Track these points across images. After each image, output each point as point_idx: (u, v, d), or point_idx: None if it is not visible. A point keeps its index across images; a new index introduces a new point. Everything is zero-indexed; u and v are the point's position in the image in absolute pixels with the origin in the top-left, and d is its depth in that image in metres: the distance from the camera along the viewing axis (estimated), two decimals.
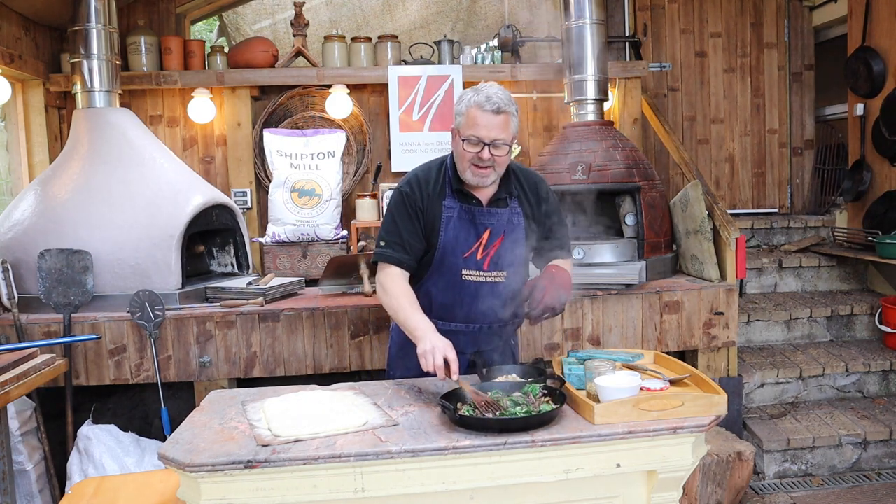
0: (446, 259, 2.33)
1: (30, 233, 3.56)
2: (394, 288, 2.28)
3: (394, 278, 2.30)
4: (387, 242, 2.32)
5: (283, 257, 4.44)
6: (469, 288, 2.36)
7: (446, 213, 2.32)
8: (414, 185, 2.34)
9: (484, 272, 2.35)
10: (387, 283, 2.30)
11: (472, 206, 2.34)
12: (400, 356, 2.50)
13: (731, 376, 3.83)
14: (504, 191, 2.37)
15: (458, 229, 2.32)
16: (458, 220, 2.32)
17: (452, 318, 2.39)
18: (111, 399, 3.90)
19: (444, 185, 2.35)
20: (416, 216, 2.31)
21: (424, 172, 2.38)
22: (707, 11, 5.62)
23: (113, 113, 3.93)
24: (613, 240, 3.97)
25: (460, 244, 2.32)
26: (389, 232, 2.32)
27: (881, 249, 4.41)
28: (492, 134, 2.21)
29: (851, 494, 3.53)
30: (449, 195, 2.33)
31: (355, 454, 1.78)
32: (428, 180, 2.35)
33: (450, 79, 4.73)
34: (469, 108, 2.22)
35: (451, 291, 2.36)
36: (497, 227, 2.35)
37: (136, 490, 2.36)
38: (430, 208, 2.32)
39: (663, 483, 1.96)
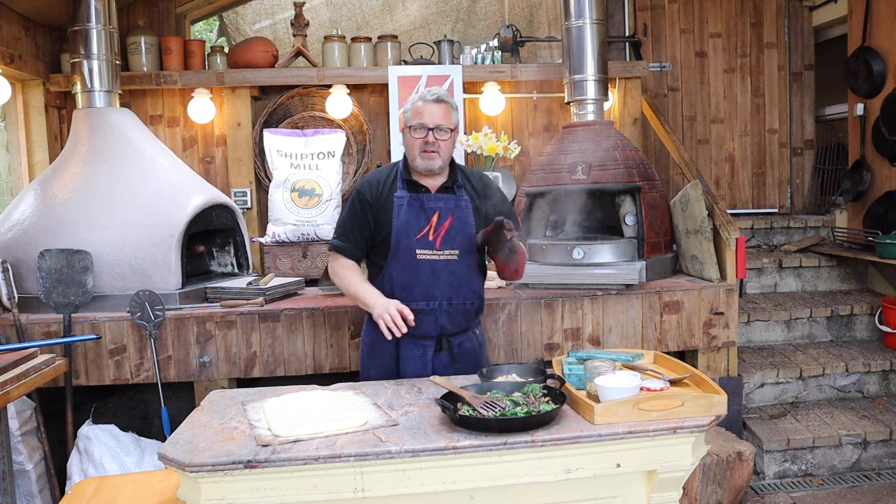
0: (401, 242, 2.57)
1: (30, 233, 3.57)
2: (342, 270, 2.65)
3: (342, 264, 2.66)
4: (337, 234, 2.68)
5: (283, 257, 4.44)
6: (425, 267, 2.58)
7: (397, 203, 2.59)
8: (366, 184, 2.64)
9: (437, 251, 2.58)
10: (337, 268, 2.68)
11: (421, 194, 2.60)
12: (372, 355, 2.68)
13: (731, 376, 3.83)
14: (450, 181, 2.64)
15: (409, 215, 2.57)
16: (408, 206, 2.58)
17: (413, 297, 2.57)
18: (111, 399, 3.90)
19: (396, 179, 2.63)
20: (364, 211, 2.60)
21: (378, 173, 2.69)
22: (707, 11, 5.62)
23: (113, 113, 3.93)
24: (613, 240, 3.97)
25: (412, 227, 2.57)
26: (340, 226, 2.69)
27: (881, 249, 4.41)
28: (434, 120, 2.53)
29: (851, 494, 3.53)
30: (400, 187, 2.61)
31: (355, 454, 1.78)
32: (380, 179, 2.64)
33: (450, 79, 4.73)
34: (414, 104, 2.57)
35: (409, 272, 2.57)
36: (445, 209, 2.61)
37: (136, 490, 2.36)
38: (381, 202, 2.59)
39: (663, 483, 1.96)
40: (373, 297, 2.53)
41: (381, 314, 2.46)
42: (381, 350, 2.61)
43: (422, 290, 2.58)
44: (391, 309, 2.45)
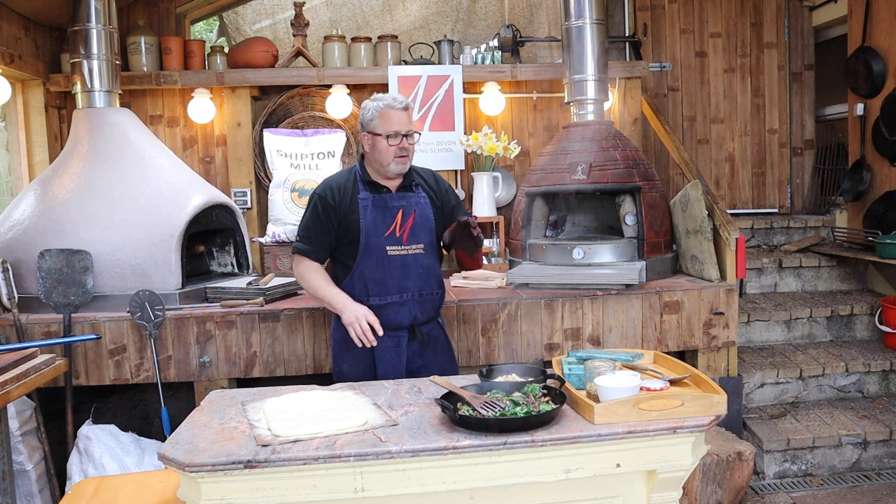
0: (370, 241, 2.69)
1: (30, 233, 3.57)
2: (308, 273, 2.74)
3: (308, 267, 2.74)
4: (300, 238, 2.74)
5: (283, 257, 4.43)
6: (395, 262, 2.71)
7: (362, 204, 2.70)
8: (327, 189, 2.72)
9: (405, 246, 2.72)
10: (302, 271, 2.75)
11: (384, 195, 2.73)
12: (344, 349, 2.74)
13: (731, 376, 3.83)
14: (407, 180, 2.78)
15: (375, 214, 2.69)
16: (373, 207, 2.70)
17: (386, 291, 2.71)
18: (111, 399, 3.90)
19: (356, 183, 2.73)
20: (328, 215, 2.69)
21: (336, 178, 2.77)
22: (707, 11, 5.62)
23: (113, 113, 3.94)
24: (613, 240, 3.97)
25: (378, 226, 2.69)
26: (303, 229, 2.74)
27: (881, 249, 4.41)
28: (406, 126, 2.68)
29: (851, 494, 3.53)
30: (362, 190, 2.72)
31: (355, 454, 1.78)
32: (340, 183, 2.73)
33: (450, 79, 4.73)
34: (381, 111, 2.65)
35: (380, 268, 2.70)
36: (407, 207, 2.75)
37: (136, 490, 2.36)
38: (345, 204, 2.69)
39: (663, 483, 1.96)
40: (342, 302, 2.65)
41: (351, 322, 2.61)
42: (353, 344, 2.66)
43: (395, 283, 2.71)
44: (362, 321, 2.59)
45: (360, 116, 2.72)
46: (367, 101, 2.72)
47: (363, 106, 2.71)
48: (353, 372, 2.71)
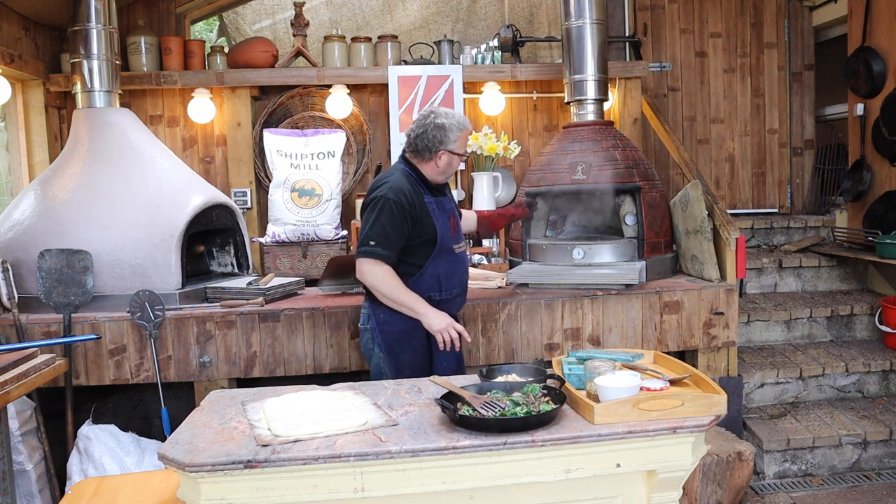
0: (444, 241, 2.87)
1: (30, 233, 3.57)
2: (389, 278, 2.79)
3: (387, 271, 2.79)
4: (377, 243, 2.76)
5: (283, 257, 4.43)
6: (459, 258, 2.99)
7: (430, 207, 2.86)
8: (401, 194, 2.79)
9: (460, 244, 3.01)
10: (382, 275, 2.79)
11: (441, 198, 2.95)
12: (404, 340, 2.88)
13: (731, 376, 3.83)
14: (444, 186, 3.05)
15: (441, 217, 2.89)
16: (438, 210, 2.89)
17: (452, 286, 2.95)
18: (111, 399, 3.90)
19: (418, 187, 2.86)
20: (405, 219, 2.78)
21: (399, 182, 2.83)
22: (707, 11, 5.62)
23: (113, 113, 3.94)
24: (613, 240, 3.97)
25: (445, 226, 2.90)
26: (379, 234, 2.77)
27: (881, 249, 4.41)
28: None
29: (851, 494, 3.53)
30: (425, 194, 2.87)
31: (355, 454, 1.78)
32: (408, 188, 2.82)
33: (450, 79, 4.73)
34: (462, 133, 2.88)
35: (450, 265, 2.93)
36: (453, 209, 3.04)
37: (136, 490, 2.36)
38: (417, 208, 2.81)
39: (663, 483, 1.96)
40: (425, 310, 2.80)
41: (442, 330, 2.79)
42: (415, 335, 2.87)
43: (458, 278, 3.00)
44: (451, 330, 2.80)
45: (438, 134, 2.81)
46: (445, 121, 2.82)
47: (443, 125, 2.82)
48: (415, 360, 2.89)
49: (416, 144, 2.85)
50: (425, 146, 2.83)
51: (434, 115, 2.85)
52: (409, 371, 2.86)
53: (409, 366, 2.88)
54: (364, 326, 2.98)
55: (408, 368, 2.87)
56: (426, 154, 2.85)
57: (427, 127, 2.83)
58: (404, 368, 2.88)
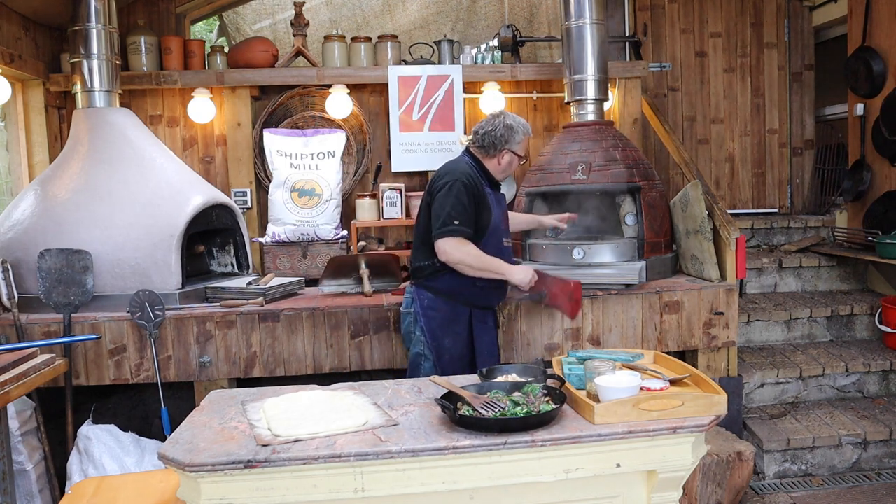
0: (495, 231, 3.04)
1: (30, 233, 3.56)
2: (476, 251, 2.93)
3: (473, 246, 2.93)
4: (461, 221, 2.90)
5: (283, 257, 4.43)
6: (507, 251, 3.12)
7: (489, 198, 3.04)
8: (471, 178, 2.97)
9: (508, 239, 3.17)
10: (470, 249, 2.92)
11: (497, 193, 3.14)
12: (447, 325, 3.02)
13: (731, 376, 3.83)
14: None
15: (497, 209, 3.07)
16: (494, 202, 3.06)
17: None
18: (111, 399, 3.90)
19: (480, 178, 3.03)
20: (474, 201, 2.94)
21: (467, 170, 3.00)
22: (707, 11, 5.62)
23: (113, 113, 3.93)
24: (613, 240, 3.97)
25: (499, 219, 3.08)
26: (461, 213, 2.90)
27: (881, 249, 4.41)
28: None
29: (851, 494, 3.53)
30: (486, 186, 3.04)
31: (355, 454, 1.78)
32: (474, 175, 3.00)
33: (450, 79, 4.73)
34: (525, 136, 3.09)
35: (497, 254, 3.02)
36: (505, 205, 3.22)
37: (136, 490, 2.36)
38: (480, 196, 2.98)
39: (663, 483, 1.96)
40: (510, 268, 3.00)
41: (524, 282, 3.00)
42: (458, 321, 3.02)
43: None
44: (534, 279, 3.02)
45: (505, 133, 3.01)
46: (513, 123, 3.04)
47: (511, 126, 3.02)
48: (456, 345, 3.02)
49: (483, 140, 3.03)
50: (492, 143, 3.02)
51: (504, 116, 3.05)
52: (448, 356, 2.99)
53: (450, 351, 3.01)
54: (406, 310, 3.12)
55: (447, 354, 3.01)
56: (491, 150, 3.04)
57: (497, 126, 3.02)
58: (444, 353, 3.01)
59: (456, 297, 3.01)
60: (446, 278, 2.99)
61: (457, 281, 2.97)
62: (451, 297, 3.01)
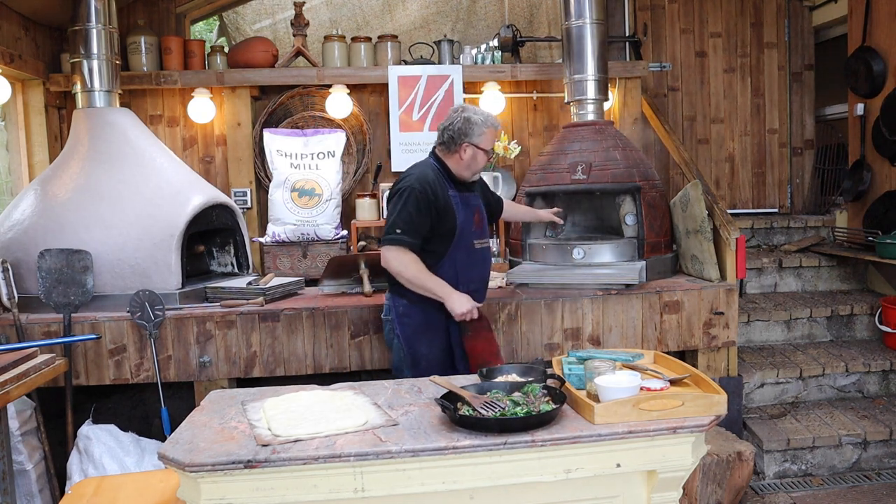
0: (463, 235, 2.94)
1: (30, 233, 3.56)
2: (414, 265, 2.83)
3: (412, 258, 2.83)
4: (403, 230, 2.82)
5: (283, 257, 4.43)
6: (478, 253, 3.05)
7: (454, 200, 2.92)
8: (424, 184, 2.85)
9: (482, 240, 3.06)
10: (408, 261, 2.83)
11: (465, 193, 3.00)
12: (421, 332, 2.95)
13: (731, 376, 3.83)
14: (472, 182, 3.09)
15: (465, 211, 2.96)
16: (462, 205, 2.95)
17: (472, 279, 3.01)
18: (111, 399, 3.90)
19: (443, 180, 2.94)
20: (429, 209, 2.83)
21: (424, 174, 2.90)
22: (707, 11, 5.62)
23: (113, 113, 3.94)
24: (613, 240, 3.97)
25: (468, 221, 2.97)
26: (406, 222, 2.82)
27: (881, 249, 4.41)
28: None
29: (851, 494, 3.53)
30: (450, 188, 2.93)
31: (355, 454, 1.78)
32: (433, 180, 2.89)
33: (450, 79, 4.73)
34: (488, 130, 2.93)
35: (469, 259, 2.99)
36: (479, 205, 3.10)
37: (136, 490, 2.36)
38: (441, 200, 2.87)
39: (663, 483, 1.96)
40: (448, 292, 2.84)
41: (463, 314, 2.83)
42: (433, 328, 2.95)
43: (477, 273, 3.06)
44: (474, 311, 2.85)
45: (463, 127, 2.89)
46: (472, 115, 2.92)
47: (469, 119, 2.90)
48: (432, 352, 2.95)
49: (443, 136, 2.95)
50: (451, 138, 2.91)
51: (463, 109, 2.96)
52: (425, 363, 2.91)
53: (427, 358, 2.94)
54: (386, 317, 3.06)
55: (424, 360, 2.93)
56: (452, 146, 2.93)
57: (455, 120, 2.92)
58: (421, 360, 2.94)
59: (429, 303, 2.89)
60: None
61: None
62: (425, 304, 2.90)
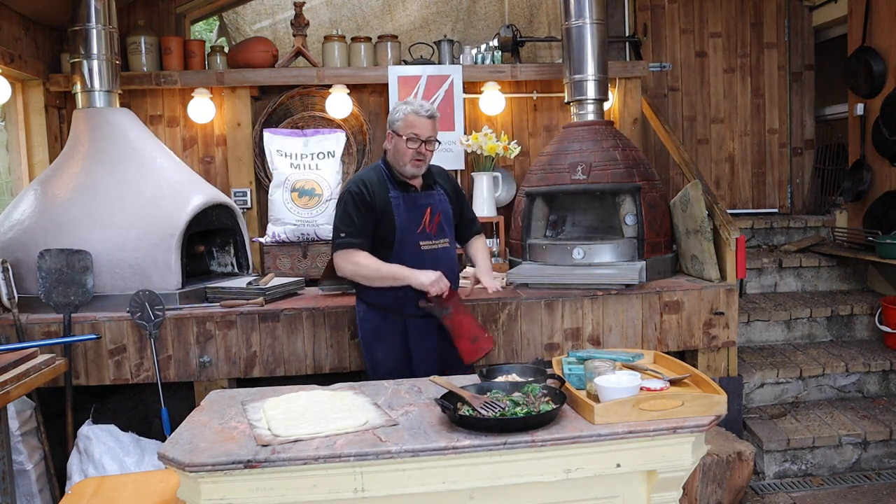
0: (405, 237, 2.82)
1: (30, 233, 3.57)
2: (367, 260, 2.77)
3: (364, 255, 2.78)
4: (347, 233, 2.77)
5: (283, 257, 4.44)
6: (429, 256, 2.87)
7: (394, 202, 2.82)
8: (360, 185, 2.80)
9: (434, 240, 2.90)
10: (360, 259, 2.77)
11: (412, 193, 2.88)
12: (377, 338, 2.89)
13: (731, 376, 3.83)
14: (428, 180, 2.97)
15: (407, 212, 2.83)
16: (405, 205, 2.84)
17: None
18: (111, 399, 3.90)
19: (385, 181, 2.85)
20: (367, 209, 2.77)
21: (365, 175, 2.86)
22: (707, 11, 5.62)
23: (113, 113, 3.94)
24: (613, 240, 3.97)
25: (411, 223, 2.84)
26: (347, 224, 2.77)
27: (881, 249, 4.41)
28: (427, 133, 2.81)
29: (851, 494, 3.53)
30: (392, 188, 2.84)
31: (355, 454, 1.78)
32: (370, 180, 2.83)
33: (450, 79, 4.73)
34: (407, 115, 2.80)
35: (416, 262, 2.81)
36: (434, 204, 2.93)
37: (136, 490, 2.36)
38: (378, 200, 2.78)
39: (663, 483, 1.96)
40: (411, 273, 2.75)
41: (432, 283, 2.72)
42: (390, 332, 2.87)
43: None
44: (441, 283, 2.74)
45: (389, 116, 2.88)
46: (399, 103, 2.88)
47: (394, 107, 2.88)
48: (389, 357, 2.87)
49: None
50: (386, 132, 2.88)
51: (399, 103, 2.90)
52: (383, 369, 2.85)
53: (384, 363, 2.88)
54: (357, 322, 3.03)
55: (382, 366, 2.87)
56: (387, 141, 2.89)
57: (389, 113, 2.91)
58: (378, 366, 2.89)
59: (385, 307, 2.86)
60: (370, 290, 2.86)
61: (379, 292, 2.84)
62: (381, 309, 2.87)
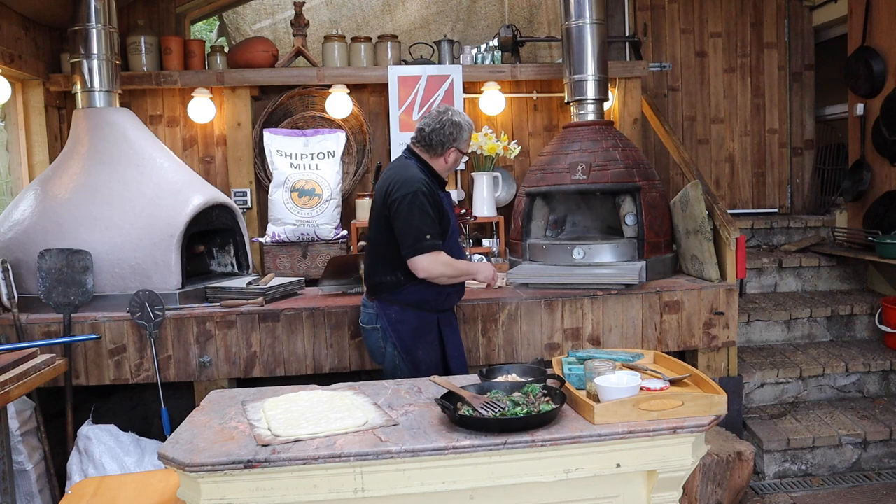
0: (453, 234, 3.00)
1: (30, 233, 3.56)
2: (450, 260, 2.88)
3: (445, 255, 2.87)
4: (432, 234, 2.82)
5: (283, 257, 4.43)
6: (462, 252, 3.12)
7: (445, 201, 2.98)
8: (427, 185, 2.87)
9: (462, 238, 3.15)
10: (447, 259, 2.86)
11: (445, 194, 3.05)
12: (418, 337, 2.95)
13: (731, 376, 3.83)
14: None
15: (450, 210, 3.00)
16: (447, 205, 3.00)
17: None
18: (111, 399, 3.90)
19: (432, 183, 2.93)
20: (438, 209, 2.88)
21: (419, 176, 2.90)
22: (707, 11, 5.62)
23: (113, 113, 3.93)
24: (613, 240, 3.97)
25: (454, 219, 3.04)
26: (430, 226, 2.82)
27: (881, 249, 4.41)
28: None
29: (851, 494, 3.53)
30: (438, 189, 2.95)
31: (355, 454, 1.78)
32: (428, 181, 2.90)
33: (450, 79, 4.73)
34: (471, 133, 3.04)
35: (457, 256, 2.99)
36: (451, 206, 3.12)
37: (136, 490, 2.36)
38: (439, 200, 2.90)
39: (663, 483, 1.96)
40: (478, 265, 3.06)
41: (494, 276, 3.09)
42: (428, 329, 2.97)
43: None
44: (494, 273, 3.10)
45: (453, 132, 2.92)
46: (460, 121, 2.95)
47: (459, 124, 2.94)
48: (430, 354, 2.96)
49: (430, 139, 2.92)
50: (440, 142, 2.91)
51: (451, 112, 2.96)
52: (425, 366, 2.91)
53: (426, 361, 2.94)
54: (371, 326, 2.99)
55: (424, 364, 2.93)
56: (439, 149, 2.94)
57: (444, 123, 2.92)
58: (420, 364, 2.93)
59: (424, 306, 2.93)
60: (413, 289, 2.89)
61: (424, 290, 2.89)
62: (420, 307, 2.93)
